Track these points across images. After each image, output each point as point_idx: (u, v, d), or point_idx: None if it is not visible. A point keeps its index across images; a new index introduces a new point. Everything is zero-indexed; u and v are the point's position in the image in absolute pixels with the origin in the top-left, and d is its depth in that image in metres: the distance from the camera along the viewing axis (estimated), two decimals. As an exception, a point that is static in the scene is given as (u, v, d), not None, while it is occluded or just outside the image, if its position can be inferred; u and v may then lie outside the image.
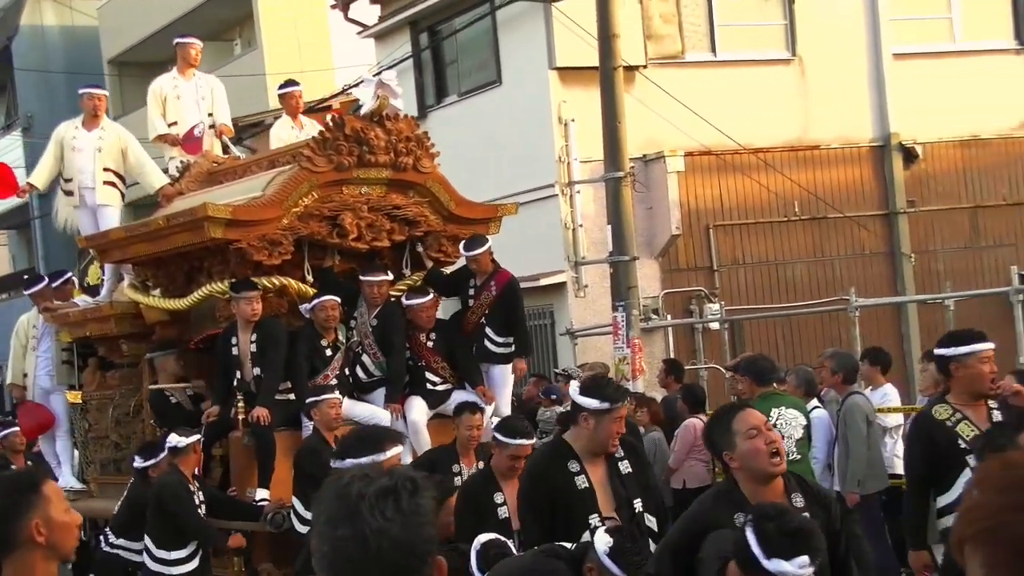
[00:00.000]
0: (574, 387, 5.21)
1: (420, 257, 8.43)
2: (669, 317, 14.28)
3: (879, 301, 14.31)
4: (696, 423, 8.93)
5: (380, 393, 7.97)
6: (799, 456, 7.48)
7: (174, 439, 7.28)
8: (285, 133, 10.10)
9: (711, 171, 14.61)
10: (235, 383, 7.72)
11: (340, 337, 7.90)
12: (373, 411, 7.78)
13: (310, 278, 7.96)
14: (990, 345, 5.56)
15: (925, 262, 15.50)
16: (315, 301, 7.75)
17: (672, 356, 12.99)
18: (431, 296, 8.17)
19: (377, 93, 7.77)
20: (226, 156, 9.65)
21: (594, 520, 4.87)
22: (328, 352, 7.80)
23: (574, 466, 4.98)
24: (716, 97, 14.34)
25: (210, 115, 9.76)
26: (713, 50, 15.14)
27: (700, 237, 14.75)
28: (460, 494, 5.76)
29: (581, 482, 4.96)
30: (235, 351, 7.72)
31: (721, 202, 14.86)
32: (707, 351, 14.19)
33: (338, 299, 7.78)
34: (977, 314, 14.88)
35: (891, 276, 15.42)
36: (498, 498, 5.82)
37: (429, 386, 8.10)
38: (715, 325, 13.96)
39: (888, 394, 9.18)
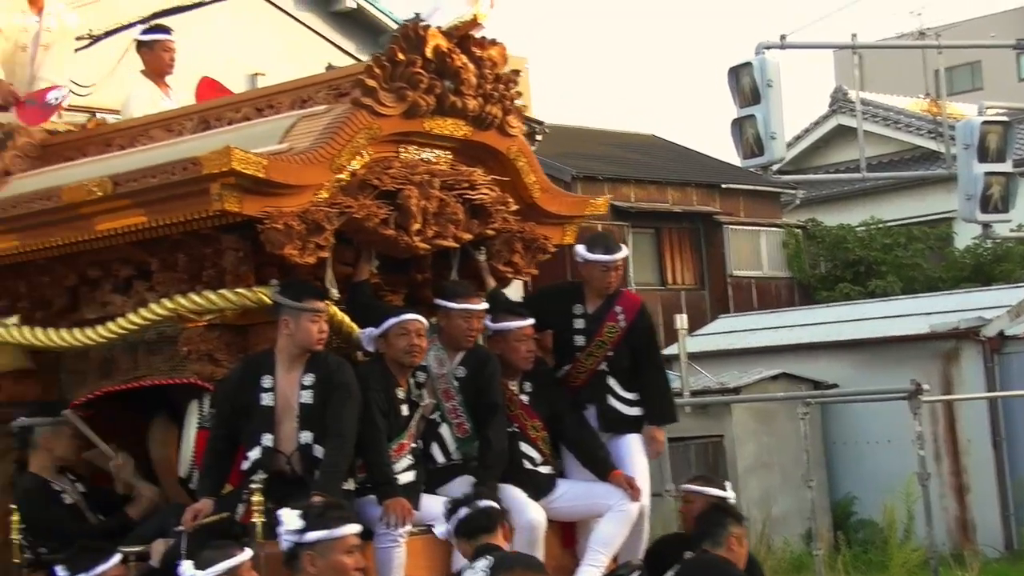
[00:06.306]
0: None
1: (478, 270, 5.42)
2: None
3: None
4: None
5: (459, 484, 4.93)
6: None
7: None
8: (145, 106, 6.32)
9: None
10: (259, 455, 4.58)
11: (412, 386, 4.99)
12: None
13: (335, 292, 4.85)
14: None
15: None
16: (391, 321, 4.81)
17: None
18: (530, 319, 5.26)
19: None
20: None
21: None
22: (404, 409, 4.86)
23: None
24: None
25: None
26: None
27: None
28: None
29: None
30: (267, 400, 4.65)
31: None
32: None
33: (426, 321, 4.94)
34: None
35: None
36: None
37: (528, 465, 5.18)
38: None
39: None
